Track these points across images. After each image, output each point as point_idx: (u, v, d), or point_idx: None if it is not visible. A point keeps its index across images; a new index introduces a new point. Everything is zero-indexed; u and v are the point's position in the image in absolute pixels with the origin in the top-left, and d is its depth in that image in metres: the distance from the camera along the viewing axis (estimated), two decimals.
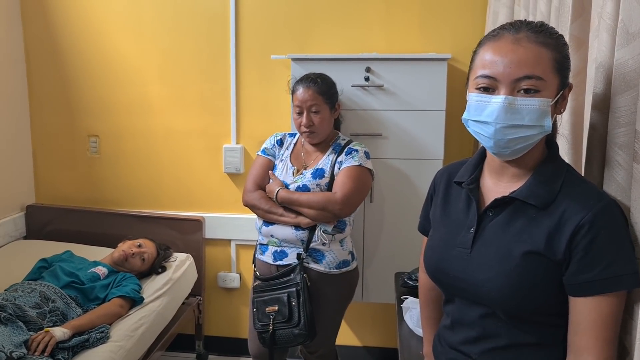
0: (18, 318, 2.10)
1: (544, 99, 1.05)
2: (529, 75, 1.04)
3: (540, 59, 1.05)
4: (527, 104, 1.05)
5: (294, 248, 2.25)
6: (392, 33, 2.85)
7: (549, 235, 1.07)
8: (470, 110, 1.12)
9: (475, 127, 1.12)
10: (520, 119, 1.05)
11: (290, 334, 2.18)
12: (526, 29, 1.07)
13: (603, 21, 1.17)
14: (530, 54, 1.05)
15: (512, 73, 1.05)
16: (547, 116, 1.06)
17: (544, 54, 1.05)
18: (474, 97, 1.10)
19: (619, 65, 1.09)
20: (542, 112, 1.05)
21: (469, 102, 1.12)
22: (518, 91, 1.05)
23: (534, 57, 1.05)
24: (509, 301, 1.09)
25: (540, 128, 1.06)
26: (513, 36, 1.07)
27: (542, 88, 1.05)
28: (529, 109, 1.05)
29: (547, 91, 1.06)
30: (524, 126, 1.06)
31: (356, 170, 2.23)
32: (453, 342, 1.25)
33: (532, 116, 1.05)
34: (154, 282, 2.70)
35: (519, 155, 1.11)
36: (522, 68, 1.04)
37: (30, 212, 3.21)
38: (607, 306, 1.03)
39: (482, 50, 1.11)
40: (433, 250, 1.28)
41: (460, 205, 1.25)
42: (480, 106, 1.09)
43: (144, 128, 3.12)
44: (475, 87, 1.10)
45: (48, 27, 3.12)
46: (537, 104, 1.05)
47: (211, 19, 2.98)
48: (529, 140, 1.08)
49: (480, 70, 1.09)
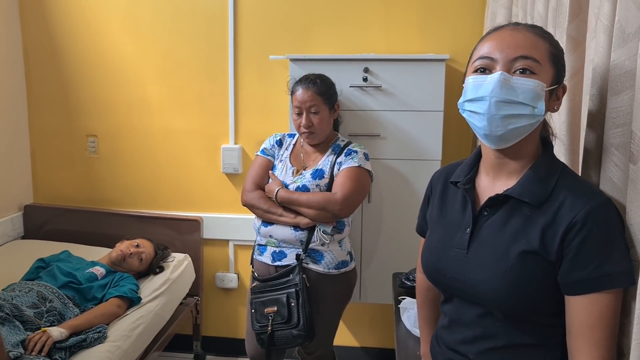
0: (15, 318, 2.10)
1: (539, 82, 1.07)
2: (525, 55, 1.07)
3: (537, 44, 1.09)
4: (522, 83, 1.07)
5: (293, 248, 2.25)
6: (391, 33, 2.85)
7: (543, 233, 1.07)
8: (467, 92, 1.13)
9: (470, 106, 1.13)
10: (515, 95, 1.07)
11: (289, 335, 2.17)
12: (524, 26, 1.13)
13: (600, 22, 1.17)
14: (528, 40, 1.09)
15: (509, 53, 1.08)
16: (541, 100, 1.07)
17: (540, 42, 1.10)
18: (471, 79, 1.12)
19: (615, 66, 1.09)
20: (537, 94, 1.07)
21: (465, 87, 1.14)
22: (514, 72, 1.08)
23: (531, 42, 1.09)
24: (505, 301, 1.09)
25: (532, 109, 1.07)
26: (512, 27, 1.13)
27: (537, 71, 1.07)
28: (524, 88, 1.07)
29: (543, 76, 1.08)
30: (517, 103, 1.07)
31: (356, 171, 2.23)
32: (450, 342, 1.25)
33: (527, 95, 1.07)
34: (151, 282, 2.70)
35: (513, 140, 1.11)
36: (519, 49, 1.08)
37: (28, 212, 3.21)
38: (600, 305, 1.02)
39: (481, 43, 1.15)
40: (430, 252, 1.28)
41: (456, 206, 1.25)
42: (476, 85, 1.11)
43: (142, 128, 3.12)
44: (473, 71, 1.13)
45: (46, 27, 3.12)
46: (531, 85, 1.07)
47: (210, 19, 2.98)
48: (522, 121, 1.08)
49: (479, 54, 1.13)
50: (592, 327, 1.03)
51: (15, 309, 2.13)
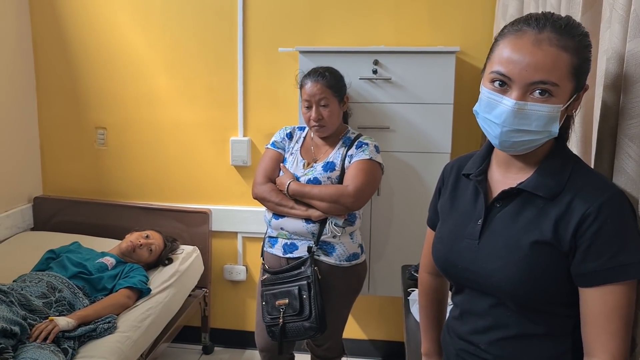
0: (23, 307, 2.11)
1: (555, 106, 1.04)
2: (544, 80, 1.02)
3: (557, 64, 1.02)
4: (537, 109, 1.04)
5: (305, 241, 2.25)
6: (401, 26, 2.84)
7: (556, 224, 1.06)
8: (482, 105, 1.11)
9: (484, 123, 1.12)
10: (528, 124, 1.05)
11: (301, 327, 2.17)
12: (550, 28, 1.03)
13: (615, 12, 1.16)
14: (549, 59, 1.02)
15: (527, 76, 1.03)
16: (556, 122, 1.05)
17: (562, 59, 1.03)
18: (487, 92, 1.09)
19: (631, 55, 1.08)
20: (551, 118, 1.04)
21: (481, 96, 1.11)
22: (531, 93, 1.04)
23: (551, 62, 1.02)
24: (518, 291, 1.09)
25: (546, 133, 1.06)
26: (535, 36, 1.03)
27: (555, 94, 1.03)
28: (538, 115, 1.04)
29: (560, 97, 1.04)
30: (530, 132, 1.05)
31: (367, 163, 2.23)
32: (462, 333, 1.25)
33: (540, 122, 1.04)
34: (160, 274, 2.71)
35: (524, 152, 1.12)
36: (538, 72, 1.02)
37: (38, 204, 3.23)
38: (614, 297, 1.02)
39: (503, 43, 1.08)
40: (442, 243, 1.28)
41: (468, 197, 1.25)
42: (491, 104, 1.08)
43: (151, 120, 3.13)
44: (490, 81, 1.09)
45: (56, 20, 3.13)
46: (546, 111, 1.04)
47: (218, 11, 2.97)
48: (534, 143, 1.08)
49: (497, 65, 1.07)
50: (607, 317, 1.02)
51: (23, 298, 2.14)
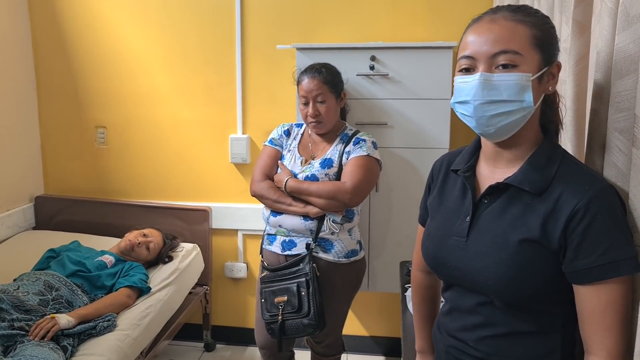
0: (17, 308, 2.12)
1: (522, 74, 1.05)
2: (504, 49, 1.05)
3: (515, 33, 1.05)
4: (504, 79, 1.05)
5: (303, 238, 2.25)
6: (398, 21, 2.83)
7: (544, 222, 1.05)
8: (455, 95, 1.13)
9: (459, 108, 1.13)
10: (498, 94, 1.06)
11: (300, 325, 2.18)
12: (505, 9, 1.09)
13: (605, 5, 1.15)
14: (505, 30, 1.06)
15: (488, 50, 1.06)
16: (528, 91, 1.05)
17: (520, 30, 1.06)
18: (457, 79, 1.12)
19: (620, 49, 1.07)
20: (521, 86, 1.05)
21: (454, 86, 1.14)
22: (496, 67, 1.06)
23: (508, 32, 1.06)
24: (505, 289, 1.08)
25: (519, 103, 1.06)
26: (490, 17, 1.09)
27: (519, 63, 1.05)
28: (507, 84, 1.05)
29: (526, 66, 1.05)
30: (502, 101, 1.06)
31: (365, 160, 2.23)
32: (451, 329, 1.25)
33: (510, 91, 1.05)
34: (160, 272, 2.72)
35: (508, 134, 1.11)
36: (497, 44, 1.05)
37: (39, 203, 3.24)
38: (607, 293, 1.01)
39: (465, 34, 1.13)
40: (430, 240, 1.27)
41: (456, 194, 1.24)
42: (460, 88, 1.10)
43: (150, 119, 3.14)
44: (458, 70, 1.12)
45: (55, 19, 3.14)
46: (514, 79, 1.05)
47: (217, 9, 2.97)
48: (511, 117, 1.07)
49: (461, 52, 1.11)
50: (602, 314, 1.02)
51: (17, 300, 2.15)
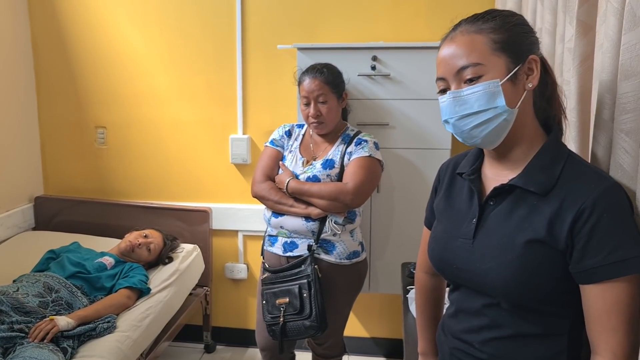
0: (17, 310, 2.11)
1: (489, 82, 1.07)
2: (464, 65, 1.08)
3: (473, 46, 1.08)
4: (471, 92, 1.08)
5: (305, 239, 2.24)
6: (399, 21, 2.82)
7: (550, 222, 1.05)
8: (441, 114, 1.17)
9: (446, 127, 1.18)
10: (469, 107, 1.09)
11: (302, 326, 2.16)
12: (464, 23, 1.13)
13: (610, 5, 1.14)
14: (463, 45, 1.09)
15: (452, 67, 1.10)
16: (499, 96, 1.07)
17: (477, 40, 1.08)
18: (439, 100, 1.16)
19: (626, 49, 1.06)
20: (491, 94, 1.07)
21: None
22: (464, 82, 1.09)
23: (466, 46, 1.09)
24: (512, 291, 1.08)
25: (493, 110, 1.08)
26: (450, 35, 1.13)
27: (483, 72, 1.07)
28: (476, 95, 1.08)
29: (491, 73, 1.07)
30: (474, 113, 1.09)
31: (367, 160, 2.22)
32: (456, 331, 1.24)
33: (481, 101, 1.08)
34: (161, 273, 2.71)
35: (498, 141, 1.12)
36: (459, 60, 1.09)
37: (39, 204, 3.23)
38: (614, 293, 1.00)
39: (438, 56, 1.16)
40: (437, 242, 1.27)
41: (462, 196, 1.24)
42: (441, 107, 1.15)
43: (150, 119, 3.13)
44: (437, 92, 1.16)
45: (55, 19, 3.12)
46: (481, 89, 1.07)
47: (217, 9, 2.96)
48: (491, 124, 1.09)
49: (437, 74, 1.15)
50: (608, 314, 1.01)
51: (17, 302, 2.14)
